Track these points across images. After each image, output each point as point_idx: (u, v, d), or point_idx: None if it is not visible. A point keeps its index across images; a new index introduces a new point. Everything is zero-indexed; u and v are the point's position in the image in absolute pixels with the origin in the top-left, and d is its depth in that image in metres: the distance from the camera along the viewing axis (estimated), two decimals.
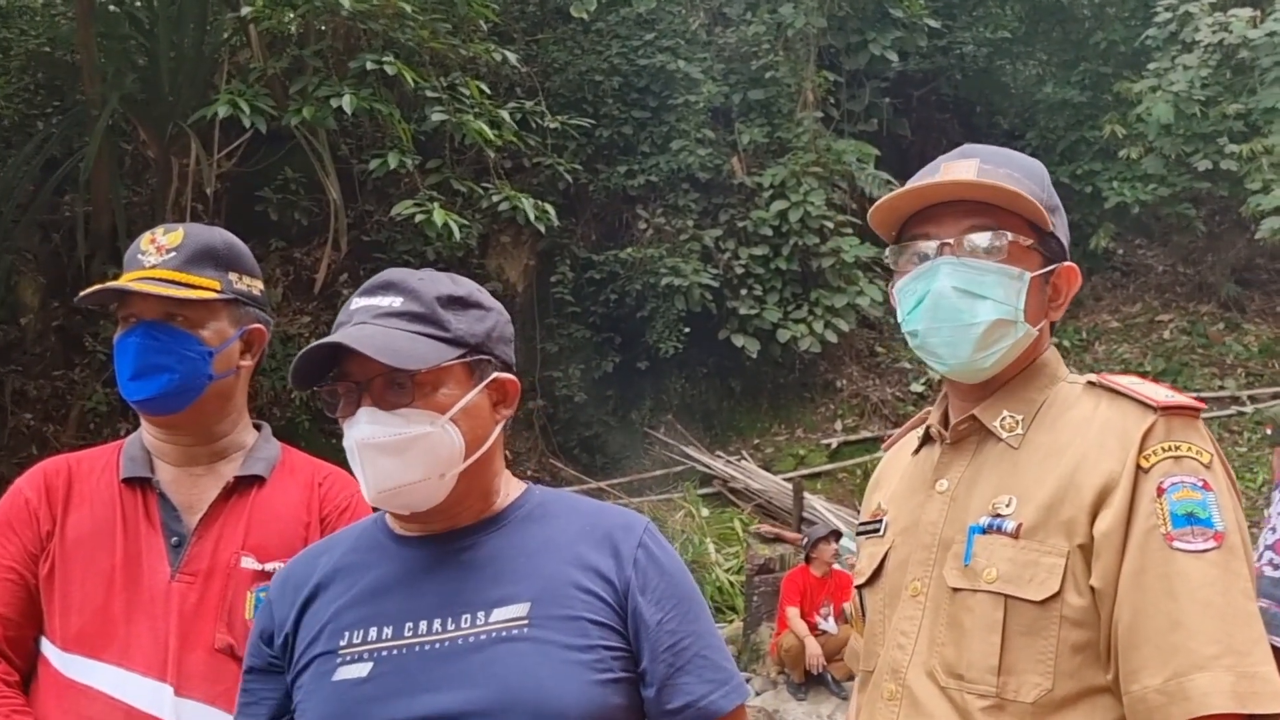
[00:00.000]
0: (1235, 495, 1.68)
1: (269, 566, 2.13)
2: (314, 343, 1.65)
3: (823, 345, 14.76)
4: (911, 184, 1.82)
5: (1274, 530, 1.78)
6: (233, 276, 2.24)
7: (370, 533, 1.81)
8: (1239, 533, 1.63)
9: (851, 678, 8.09)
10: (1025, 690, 1.63)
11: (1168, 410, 1.67)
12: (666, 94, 15.21)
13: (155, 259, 2.19)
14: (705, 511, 13.17)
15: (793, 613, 8.90)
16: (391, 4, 10.48)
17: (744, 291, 14.83)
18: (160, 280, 2.15)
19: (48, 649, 2.12)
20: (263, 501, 2.21)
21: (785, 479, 13.53)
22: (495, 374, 1.76)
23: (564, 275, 14.84)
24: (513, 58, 12.02)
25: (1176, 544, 1.59)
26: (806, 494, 12.83)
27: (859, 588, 1.96)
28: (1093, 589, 1.63)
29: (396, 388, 1.65)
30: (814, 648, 8.68)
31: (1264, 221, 13.26)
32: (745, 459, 14.48)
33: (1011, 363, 1.81)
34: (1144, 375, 2.08)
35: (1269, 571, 1.78)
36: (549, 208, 11.65)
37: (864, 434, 14.91)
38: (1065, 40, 17.82)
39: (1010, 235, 1.77)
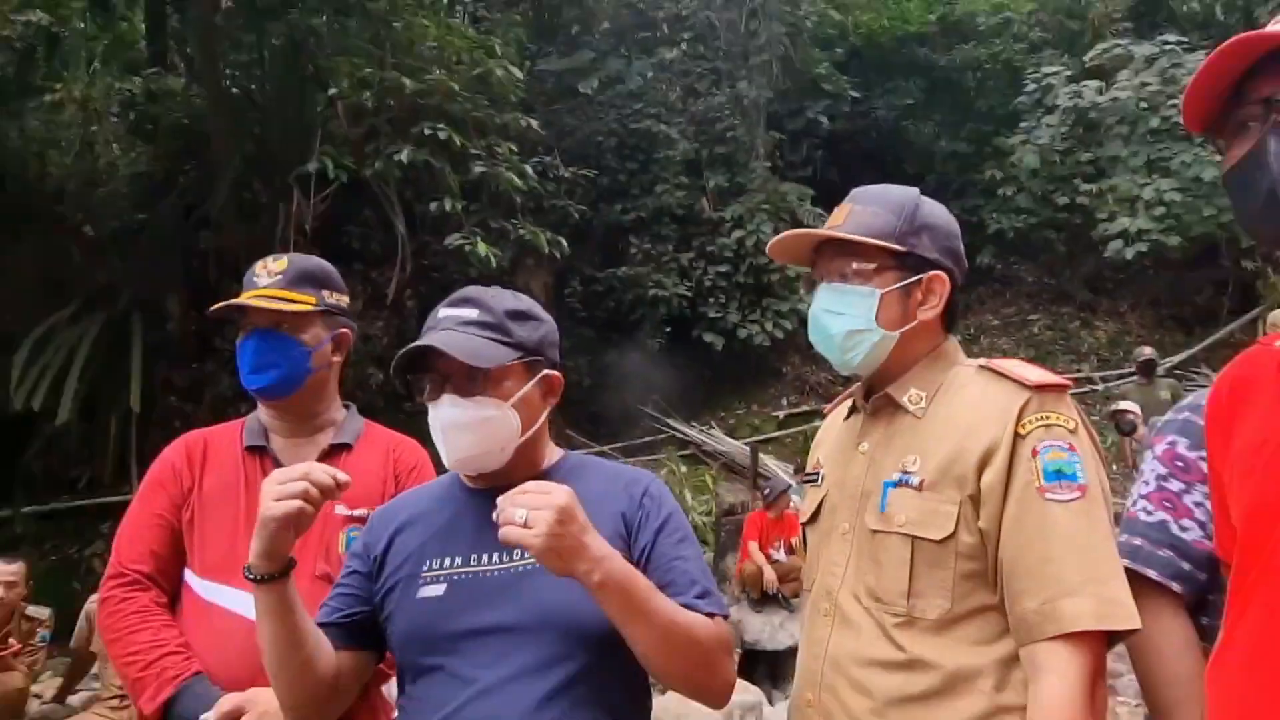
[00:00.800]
0: (1098, 455, 1.64)
1: (356, 512, 2.14)
2: (412, 344, 1.66)
3: (772, 341, 14.71)
4: (798, 231, 1.80)
5: (1146, 484, 1.77)
6: (325, 293, 2.25)
7: (448, 486, 1.83)
8: (1099, 485, 1.59)
9: (797, 595, 8.10)
10: (930, 610, 1.61)
11: (1040, 388, 1.63)
12: (651, 150, 15.17)
13: (266, 280, 2.19)
14: (684, 468, 13.12)
15: (753, 546, 8.88)
16: (443, 85, 10.60)
17: (712, 300, 14.77)
18: (270, 298, 2.16)
19: (189, 577, 2.12)
20: (350, 463, 2.21)
21: (745, 444, 13.52)
22: (545, 371, 1.78)
23: (575, 289, 14.79)
24: (534, 124, 12.06)
25: (1048, 495, 1.56)
26: (761, 454, 12.83)
27: (803, 524, 1.93)
28: (981, 530, 1.61)
29: (472, 380, 1.67)
30: (770, 573, 8.64)
31: (1110, 243, 13.35)
32: (713, 428, 14.44)
33: (891, 354, 1.75)
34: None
35: (1142, 516, 1.77)
36: (561, 239, 11.78)
37: (804, 408, 14.84)
38: (955, 105, 17.74)
39: (856, 264, 1.73)
